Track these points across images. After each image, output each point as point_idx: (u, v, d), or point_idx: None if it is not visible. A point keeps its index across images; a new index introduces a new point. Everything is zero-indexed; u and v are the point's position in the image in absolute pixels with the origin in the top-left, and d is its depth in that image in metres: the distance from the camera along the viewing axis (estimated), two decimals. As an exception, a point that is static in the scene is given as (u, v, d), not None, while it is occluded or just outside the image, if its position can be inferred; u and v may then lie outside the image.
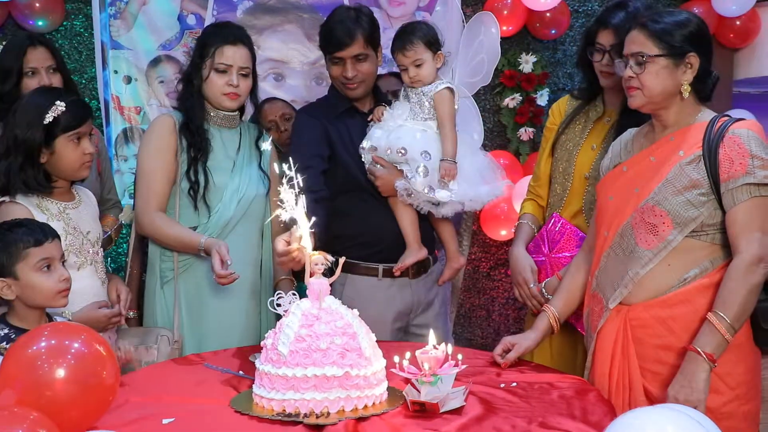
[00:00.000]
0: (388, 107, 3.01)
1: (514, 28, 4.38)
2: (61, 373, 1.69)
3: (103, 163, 3.33)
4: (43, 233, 2.29)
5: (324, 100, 3.17)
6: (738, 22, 4.59)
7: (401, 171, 2.89)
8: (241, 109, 3.04)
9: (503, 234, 4.50)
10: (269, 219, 2.93)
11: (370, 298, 2.94)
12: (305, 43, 4.41)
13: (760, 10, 4.63)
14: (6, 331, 2.24)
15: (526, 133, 4.56)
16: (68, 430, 1.59)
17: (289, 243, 2.39)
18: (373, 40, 2.98)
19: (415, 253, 2.98)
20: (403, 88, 3.01)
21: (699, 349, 2.13)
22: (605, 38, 2.71)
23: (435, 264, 3.15)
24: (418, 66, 2.89)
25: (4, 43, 3.92)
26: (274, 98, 3.90)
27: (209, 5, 4.32)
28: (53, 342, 1.74)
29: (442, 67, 2.96)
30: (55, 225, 2.47)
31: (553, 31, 4.55)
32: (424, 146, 2.87)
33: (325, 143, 2.98)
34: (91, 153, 2.62)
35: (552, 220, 2.87)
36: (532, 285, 2.82)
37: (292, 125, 3.37)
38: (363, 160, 2.98)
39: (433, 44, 2.91)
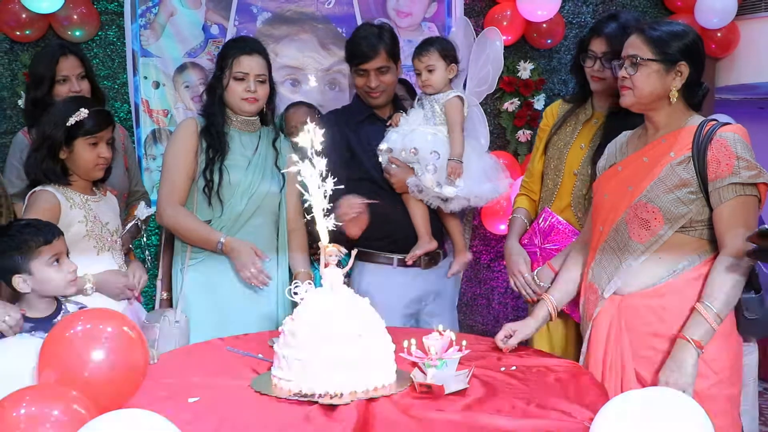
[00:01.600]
0: (404, 114, 3.08)
1: (513, 38, 4.38)
2: (96, 355, 1.69)
3: (130, 159, 3.34)
4: (51, 232, 2.38)
5: (348, 107, 3.26)
6: (719, 34, 4.62)
7: (413, 170, 2.96)
8: (263, 116, 3.03)
9: (502, 228, 4.49)
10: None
11: (385, 284, 3.01)
12: (320, 51, 4.43)
13: (740, 23, 4.67)
14: (30, 324, 2.31)
15: (524, 134, 4.56)
16: (103, 407, 1.59)
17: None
18: (394, 53, 3.07)
19: (425, 244, 3.04)
20: (418, 97, 3.10)
21: (688, 337, 2.12)
22: (597, 46, 2.73)
23: (445, 258, 3.19)
24: (430, 71, 2.98)
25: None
26: (300, 103, 3.85)
27: (231, 16, 4.32)
28: (89, 326, 1.74)
29: (454, 79, 3.04)
30: (77, 212, 2.62)
31: (549, 41, 4.55)
32: (433, 147, 2.94)
33: (345, 149, 3.04)
34: (106, 158, 2.68)
35: (543, 215, 2.88)
36: (526, 275, 2.83)
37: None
38: (380, 160, 3.04)
39: (447, 56, 2.99)
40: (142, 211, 2.97)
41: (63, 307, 2.43)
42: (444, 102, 2.98)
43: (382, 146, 3.03)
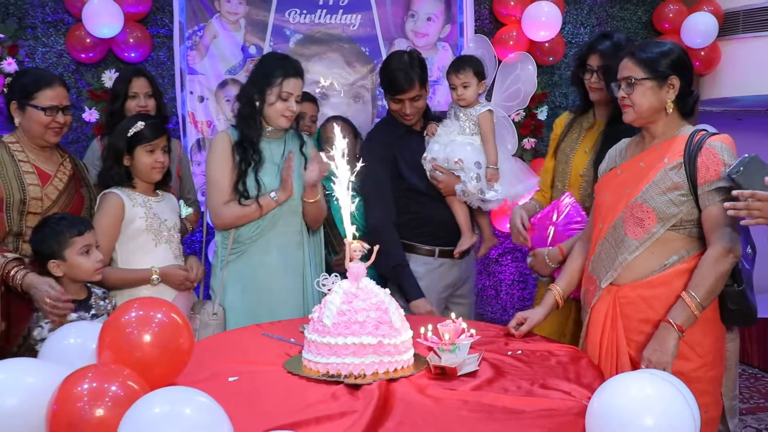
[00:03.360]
0: (438, 124, 3.11)
1: (519, 55, 4.36)
2: (147, 338, 1.70)
3: (183, 169, 3.37)
4: (83, 225, 2.50)
5: (386, 124, 3.26)
6: (702, 53, 4.61)
7: (458, 177, 3.02)
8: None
9: (509, 226, 4.47)
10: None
11: (427, 272, 3.09)
12: (345, 68, 4.44)
13: (721, 43, 4.66)
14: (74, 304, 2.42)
15: (528, 142, 4.53)
16: (153, 385, 1.59)
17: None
18: (424, 81, 3.07)
19: (469, 239, 3.13)
20: (453, 111, 3.11)
21: (671, 321, 2.10)
22: (594, 61, 2.76)
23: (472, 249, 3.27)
24: (465, 87, 3.02)
25: (105, 71, 4.03)
26: (337, 117, 3.77)
27: (267, 38, 4.34)
28: (141, 313, 1.75)
29: (482, 93, 3.08)
30: (138, 210, 2.70)
31: (550, 59, 4.53)
32: (475, 157, 3.01)
33: (391, 163, 3.09)
34: (162, 162, 2.75)
35: (565, 195, 2.83)
36: (519, 226, 2.84)
37: (360, 148, 3.36)
38: (425, 168, 3.08)
39: (480, 74, 3.04)
40: (184, 212, 2.99)
41: (93, 292, 2.55)
42: (477, 115, 3.01)
43: (427, 156, 3.07)
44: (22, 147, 2.68)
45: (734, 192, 1.99)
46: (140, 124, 2.71)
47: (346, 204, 2.05)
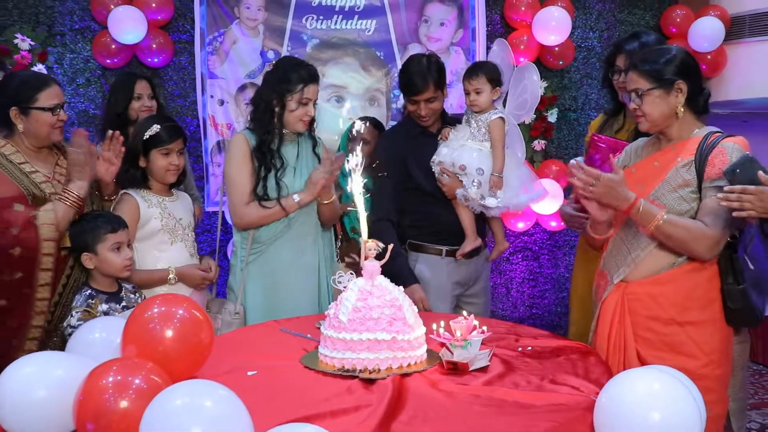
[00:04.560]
0: (452, 129, 3.08)
1: (529, 59, 4.34)
2: (169, 333, 1.71)
3: (185, 167, 3.36)
4: (118, 223, 2.53)
5: (402, 125, 3.27)
6: (709, 57, 4.59)
7: (461, 181, 2.99)
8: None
9: (520, 226, 4.46)
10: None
11: (436, 271, 3.07)
12: (361, 72, 4.44)
13: (727, 48, 4.64)
14: (90, 291, 2.48)
15: (539, 144, 4.51)
16: (175, 378, 1.60)
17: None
18: (440, 83, 3.04)
19: (472, 242, 3.08)
20: (467, 116, 3.07)
21: (641, 201, 2.11)
22: (621, 61, 2.73)
23: (485, 248, 3.24)
24: (478, 93, 2.97)
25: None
26: (367, 118, 3.67)
27: (285, 43, 4.36)
28: (163, 309, 1.75)
29: (497, 99, 3.04)
30: (153, 210, 2.72)
31: (560, 62, 4.51)
32: (479, 164, 2.96)
33: (401, 163, 3.07)
34: (177, 165, 2.76)
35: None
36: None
37: (375, 146, 3.35)
38: (434, 171, 3.06)
39: (494, 80, 2.99)
40: None
41: (123, 286, 2.58)
42: (488, 122, 2.97)
43: (435, 159, 3.05)
44: (17, 149, 2.55)
45: (726, 188, 1.99)
46: (156, 127, 2.71)
47: (363, 209, 2.05)
